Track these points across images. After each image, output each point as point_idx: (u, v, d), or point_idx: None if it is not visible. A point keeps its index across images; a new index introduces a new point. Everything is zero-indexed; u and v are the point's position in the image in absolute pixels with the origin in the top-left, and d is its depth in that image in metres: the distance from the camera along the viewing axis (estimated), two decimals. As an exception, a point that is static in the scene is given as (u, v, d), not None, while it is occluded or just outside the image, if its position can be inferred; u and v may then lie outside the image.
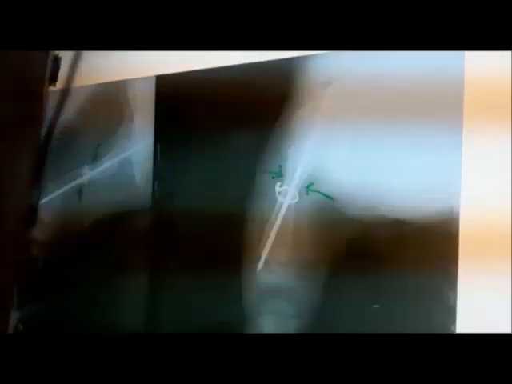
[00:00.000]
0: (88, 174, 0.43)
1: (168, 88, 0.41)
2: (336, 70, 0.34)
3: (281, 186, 0.35)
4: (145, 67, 0.42)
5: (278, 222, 0.34)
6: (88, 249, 0.42)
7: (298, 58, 0.36)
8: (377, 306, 0.31)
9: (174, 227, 0.38)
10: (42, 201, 0.45)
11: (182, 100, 0.40)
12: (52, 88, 0.47)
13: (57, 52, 0.47)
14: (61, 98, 0.46)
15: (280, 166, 0.35)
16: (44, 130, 0.46)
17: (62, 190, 0.44)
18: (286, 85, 0.36)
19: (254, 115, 0.37)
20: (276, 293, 0.33)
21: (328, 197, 0.33)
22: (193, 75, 0.40)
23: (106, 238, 0.41)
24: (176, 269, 0.38)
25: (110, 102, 0.43)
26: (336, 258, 0.32)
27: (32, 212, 0.45)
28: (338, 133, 0.34)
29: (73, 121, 0.45)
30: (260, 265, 0.34)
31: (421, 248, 0.30)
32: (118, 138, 0.43)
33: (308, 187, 0.34)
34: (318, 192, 0.33)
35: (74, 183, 0.43)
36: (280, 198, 0.34)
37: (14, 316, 0.43)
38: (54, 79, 0.47)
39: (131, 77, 0.43)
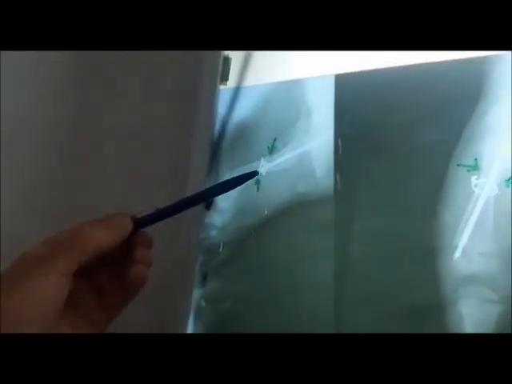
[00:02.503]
0: (265, 166, 0.47)
1: (348, 86, 0.43)
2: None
3: (477, 179, 0.36)
4: (321, 65, 0.45)
5: (476, 213, 0.36)
6: (267, 233, 0.46)
7: (489, 56, 0.37)
8: None
9: (357, 217, 0.41)
10: (220, 190, 0.49)
11: (363, 97, 0.43)
12: (223, 87, 0.51)
13: (227, 52, 0.51)
14: (233, 95, 0.50)
15: (476, 160, 0.37)
16: (218, 125, 0.50)
17: (239, 181, 0.48)
18: (478, 82, 0.37)
19: (444, 111, 0.39)
20: (475, 279, 0.35)
21: (531, 190, 0.34)
22: (374, 73, 0.42)
23: (286, 225, 0.45)
24: (363, 256, 0.40)
25: (286, 99, 0.47)
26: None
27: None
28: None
29: (247, 116, 0.49)
30: (457, 253, 0.36)
31: None
32: (295, 133, 0.46)
33: (508, 180, 0.35)
34: (520, 185, 0.35)
35: (251, 174, 0.47)
36: (477, 191, 0.36)
37: (198, 293, 0.48)
38: (225, 78, 0.51)
39: (306, 75, 0.46)
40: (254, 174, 0.40)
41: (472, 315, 0.35)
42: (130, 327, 0.46)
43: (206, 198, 0.38)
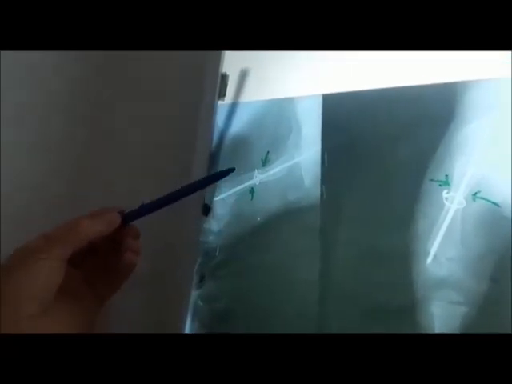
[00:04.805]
0: (259, 177, 0.51)
1: (334, 105, 0.48)
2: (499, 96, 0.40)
3: (447, 193, 0.41)
4: (310, 85, 0.50)
5: (446, 224, 0.40)
6: (259, 237, 0.50)
7: (460, 82, 0.42)
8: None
9: (341, 223, 0.45)
10: (217, 198, 0.53)
11: (347, 115, 0.47)
12: (221, 102, 0.55)
13: (224, 70, 0.55)
14: (230, 110, 0.54)
15: (447, 176, 0.41)
16: (215, 138, 0.54)
17: (235, 190, 0.52)
18: (451, 105, 0.42)
19: (421, 130, 0.43)
20: (443, 282, 0.40)
21: (494, 203, 0.38)
22: (358, 94, 0.46)
23: (277, 230, 0.49)
24: (346, 258, 0.44)
25: (278, 115, 0.51)
26: (499, 256, 0.38)
27: (207, 206, 0.53)
28: (503, 145, 0.39)
29: (243, 130, 0.53)
30: (429, 259, 0.40)
31: None
32: (286, 147, 0.50)
33: (475, 194, 0.39)
34: (485, 199, 0.39)
35: (246, 184, 0.51)
36: (447, 203, 0.40)
37: (195, 294, 0.52)
38: (222, 94, 0.55)
39: (296, 94, 0.50)
40: (231, 170, 0.41)
41: (440, 316, 0.39)
42: (132, 325, 0.50)
43: (186, 195, 0.40)
